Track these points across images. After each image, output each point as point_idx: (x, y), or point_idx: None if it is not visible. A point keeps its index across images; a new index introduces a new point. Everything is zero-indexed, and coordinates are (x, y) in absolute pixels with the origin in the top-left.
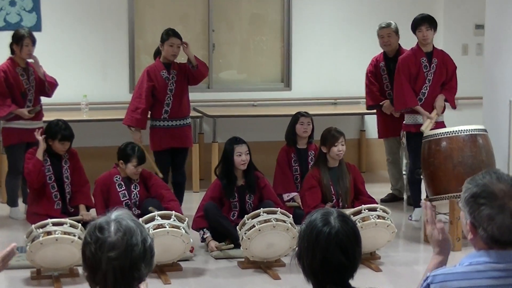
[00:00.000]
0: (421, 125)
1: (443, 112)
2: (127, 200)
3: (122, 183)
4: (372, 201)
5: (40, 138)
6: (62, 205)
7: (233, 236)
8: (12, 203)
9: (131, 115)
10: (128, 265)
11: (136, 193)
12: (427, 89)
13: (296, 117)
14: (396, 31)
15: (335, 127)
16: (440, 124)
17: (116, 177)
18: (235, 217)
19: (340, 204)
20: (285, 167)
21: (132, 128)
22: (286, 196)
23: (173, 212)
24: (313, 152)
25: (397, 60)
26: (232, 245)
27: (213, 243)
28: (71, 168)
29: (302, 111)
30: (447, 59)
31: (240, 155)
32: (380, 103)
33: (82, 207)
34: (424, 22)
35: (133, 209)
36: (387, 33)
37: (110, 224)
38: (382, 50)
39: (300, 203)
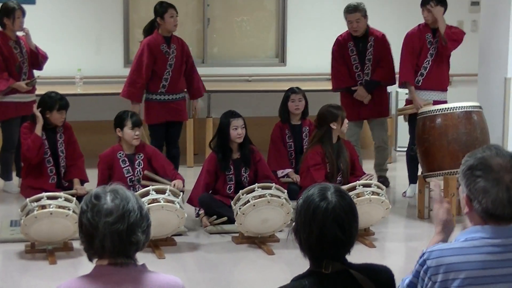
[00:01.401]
0: (423, 101)
1: (446, 89)
2: (131, 176)
3: (126, 159)
4: (368, 174)
5: (38, 113)
6: (56, 179)
7: (233, 221)
8: (6, 177)
9: (129, 88)
10: (125, 230)
11: (139, 170)
12: (429, 63)
13: (287, 94)
14: (365, 14)
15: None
16: (441, 103)
17: (120, 153)
18: (231, 190)
19: (339, 179)
20: (279, 144)
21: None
22: (280, 173)
23: (168, 186)
24: (307, 128)
25: (367, 40)
26: (226, 218)
27: (205, 219)
28: (66, 142)
29: (294, 87)
30: (454, 33)
31: (236, 128)
32: (352, 88)
33: (76, 181)
34: (430, 0)
35: (137, 186)
36: (355, 18)
37: (106, 193)
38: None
39: (295, 179)
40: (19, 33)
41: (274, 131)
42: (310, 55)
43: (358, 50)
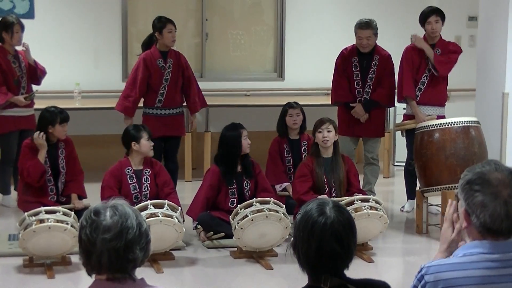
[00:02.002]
0: (426, 116)
1: (444, 104)
2: (137, 193)
3: (134, 176)
4: (362, 193)
5: (42, 141)
6: (56, 195)
7: (231, 237)
8: (4, 191)
9: (123, 102)
10: (123, 247)
11: (147, 185)
12: (427, 78)
13: (284, 109)
14: (376, 33)
15: (327, 117)
16: (440, 118)
17: (128, 169)
18: (234, 204)
19: (334, 195)
20: (276, 158)
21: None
22: (278, 187)
23: (166, 201)
24: (306, 142)
25: (372, 58)
26: (223, 234)
27: (203, 234)
28: (67, 157)
29: (292, 101)
30: (452, 47)
31: (246, 138)
32: (351, 105)
33: (74, 196)
34: (433, 14)
35: (143, 201)
36: (366, 35)
37: (106, 209)
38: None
39: (291, 193)
40: (18, 48)
41: (272, 145)
42: (308, 70)
43: (361, 67)
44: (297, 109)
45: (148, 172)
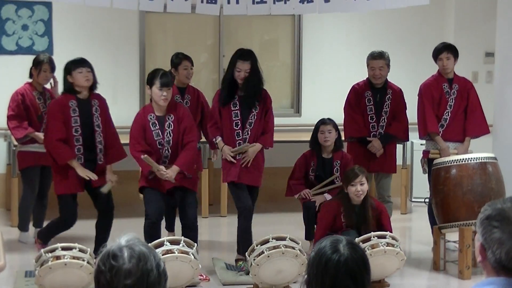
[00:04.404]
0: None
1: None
2: (160, 140)
3: (156, 122)
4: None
5: (86, 173)
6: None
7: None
8: (23, 227)
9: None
10: None
11: (169, 132)
12: (448, 114)
13: (317, 125)
14: (388, 63)
15: (358, 166)
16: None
17: (150, 115)
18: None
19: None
20: (298, 172)
21: None
22: (296, 196)
23: (182, 237)
24: (339, 161)
25: (386, 92)
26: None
27: (227, 149)
28: (102, 116)
29: (326, 117)
30: (470, 87)
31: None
32: (368, 139)
33: (109, 169)
34: (444, 51)
35: (165, 147)
36: (379, 66)
37: (123, 251)
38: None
39: (309, 196)
40: (47, 86)
41: (299, 159)
42: (325, 106)
43: (375, 101)
44: (329, 125)
45: (171, 118)
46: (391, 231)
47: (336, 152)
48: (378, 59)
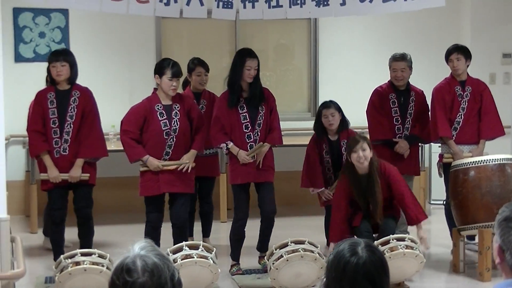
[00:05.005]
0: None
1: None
2: (168, 129)
3: (164, 112)
4: (411, 201)
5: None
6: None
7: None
8: (48, 232)
9: None
10: None
11: (176, 120)
12: (461, 117)
13: (319, 110)
14: (410, 65)
15: (358, 133)
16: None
17: (157, 105)
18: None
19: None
20: (314, 160)
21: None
22: (311, 190)
23: (201, 242)
24: (345, 140)
25: (409, 94)
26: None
27: (242, 153)
28: (80, 107)
29: (327, 100)
30: (483, 88)
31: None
32: (394, 140)
33: (79, 162)
34: (454, 52)
35: (172, 136)
36: (401, 67)
37: (136, 264)
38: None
39: (327, 197)
40: None
41: (309, 145)
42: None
43: (399, 103)
44: (331, 108)
45: (178, 107)
46: (405, 192)
47: (341, 132)
48: (400, 61)
